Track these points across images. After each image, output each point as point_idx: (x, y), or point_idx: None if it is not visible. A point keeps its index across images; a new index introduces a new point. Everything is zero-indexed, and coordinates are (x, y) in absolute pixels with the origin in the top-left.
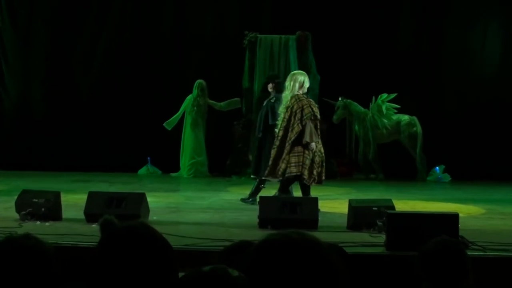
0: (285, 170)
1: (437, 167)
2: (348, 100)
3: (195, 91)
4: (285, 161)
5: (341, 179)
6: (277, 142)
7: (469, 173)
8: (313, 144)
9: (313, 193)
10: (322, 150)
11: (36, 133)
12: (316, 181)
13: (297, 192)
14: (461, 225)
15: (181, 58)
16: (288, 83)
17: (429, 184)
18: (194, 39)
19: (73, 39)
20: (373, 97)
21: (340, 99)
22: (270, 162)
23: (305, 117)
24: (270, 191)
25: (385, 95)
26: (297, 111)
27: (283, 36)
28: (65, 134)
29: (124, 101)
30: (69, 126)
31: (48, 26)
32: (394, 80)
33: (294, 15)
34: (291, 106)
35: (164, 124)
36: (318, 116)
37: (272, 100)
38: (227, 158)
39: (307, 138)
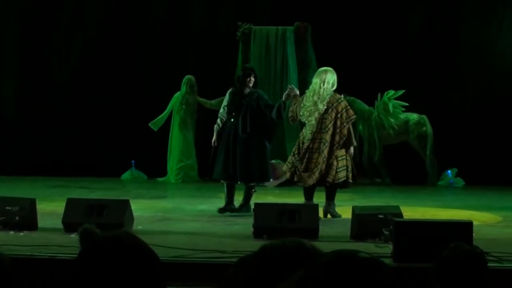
0: (335, 176)
1: (449, 171)
2: (351, 98)
3: (183, 88)
4: (334, 167)
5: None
6: (323, 147)
7: (484, 177)
8: (352, 148)
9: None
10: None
11: (8, 134)
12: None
13: (295, 198)
14: (475, 234)
15: (168, 52)
16: (320, 80)
17: (440, 189)
18: (182, 31)
19: (48, 32)
20: (379, 94)
21: (342, 96)
22: (318, 169)
23: (351, 119)
24: (261, 196)
25: (392, 92)
26: (342, 112)
27: (280, 27)
28: (41, 136)
29: (105, 99)
30: (45, 126)
31: (20, 19)
32: (401, 76)
33: (292, 4)
34: (334, 107)
35: (149, 124)
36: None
37: (254, 97)
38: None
39: (353, 141)
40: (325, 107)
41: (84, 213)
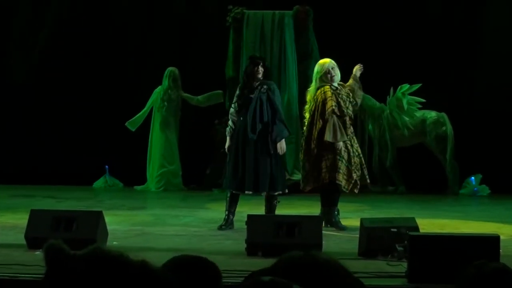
0: (318, 178)
1: (473, 177)
2: None
3: (165, 82)
4: (317, 168)
5: (351, 193)
6: (303, 144)
7: None
8: (339, 144)
9: (313, 210)
10: (360, 151)
11: None
12: (357, 186)
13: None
14: (502, 250)
15: (147, 40)
16: (315, 73)
17: (462, 198)
18: (163, 16)
19: (7, 19)
20: (391, 89)
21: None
22: (304, 171)
23: (328, 112)
24: (255, 207)
25: (406, 86)
26: (319, 105)
27: (277, 11)
28: (1, 138)
29: (74, 96)
30: (6, 128)
31: None
32: (417, 67)
33: None
34: (316, 99)
35: (126, 124)
36: (348, 112)
37: (264, 90)
38: (206, 166)
39: (327, 136)
40: (313, 100)
41: (50, 227)
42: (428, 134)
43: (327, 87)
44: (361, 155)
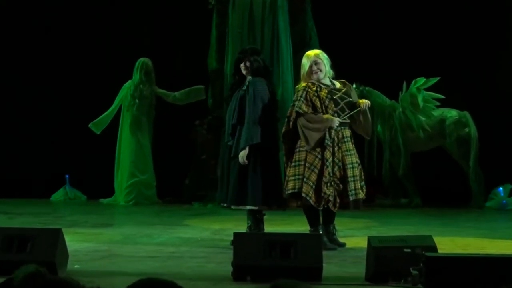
0: (285, 188)
1: (500, 188)
2: (367, 88)
3: (136, 76)
4: (286, 177)
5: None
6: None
7: None
8: (308, 144)
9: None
10: (354, 160)
11: None
12: (333, 203)
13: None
14: None
15: (115, 26)
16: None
17: (488, 212)
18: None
19: None
20: (404, 83)
21: (354, 86)
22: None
23: (292, 115)
24: (243, 223)
25: (422, 80)
26: (290, 108)
27: None
28: None
29: (29, 93)
30: None
31: None
32: (435, 58)
33: None
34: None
35: (90, 126)
36: (327, 111)
37: (244, 88)
38: (186, 175)
39: (305, 143)
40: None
41: (1, 248)
42: (448, 136)
43: (303, 84)
44: (353, 166)
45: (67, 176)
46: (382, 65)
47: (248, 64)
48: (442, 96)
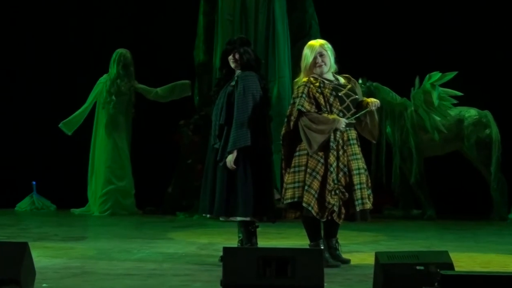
0: (283, 197)
1: None
2: (374, 84)
3: (113, 69)
4: (284, 184)
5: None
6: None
7: None
8: (310, 148)
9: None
10: (361, 166)
11: None
12: (338, 214)
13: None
14: None
15: (89, 13)
16: (301, 60)
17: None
18: None
19: None
20: (417, 78)
21: (360, 81)
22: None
23: (293, 114)
24: (234, 237)
25: (437, 75)
26: (290, 106)
27: None
28: None
29: None
30: None
31: None
32: (452, 50)
33: None
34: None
35: (60, 126)
36: (331, 109)
37: (233, 84)
38: (169, 182)
39: (307, 146)
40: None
41: None
42: (467, 139)
43: (303, 79)
44: (360, 172)
45: (33, 183)
46: (391, 58)
47: (237, 56)
48: (460, 93)
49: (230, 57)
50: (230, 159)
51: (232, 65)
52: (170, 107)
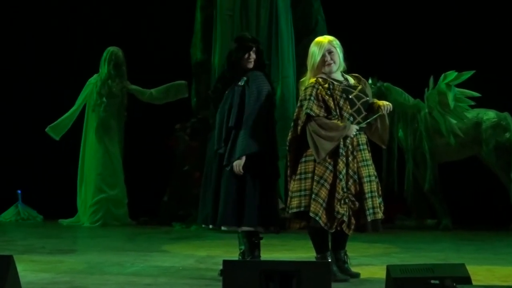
0: (288, 207)
1: None
2: (385, 84)
3: (104, 69)
4: (289, 193)
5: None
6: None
7: None
8: (318, 155)
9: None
10: (371, 173)
11: None
12: (348, 225)
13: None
14: None
15: (78, 9)
16: (308, 57)
17: None
18: None
19: None
20: (431, 78)
21: (370, 81)
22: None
23: (301, 118)
24: (234, 249)
25: (453, 75)
26: (297, 108)
27: None
28: None
29: None
30: None
31: None
32: (469, 47)
33: None
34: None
35: (47, 130)
36: (341, 113)
37: (242, 82)
38: (164, 191)
39: (314, 153)
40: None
41: None
42: (485, 143)
43: (311, 80)
44: (371, 179)
45: (19, 191)
46: (403, 56)
47: (254, 55)
48: (477, 94)
49: (247, 55)
50: (239, 163)
51: (248, 64)
52: (165, 110)
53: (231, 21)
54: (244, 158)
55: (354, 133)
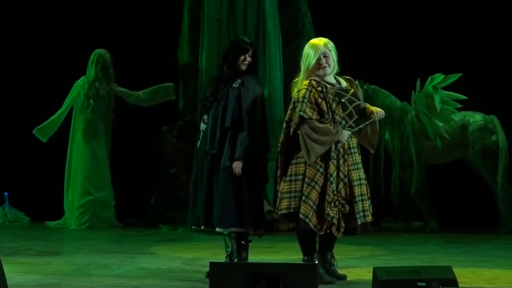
0: (278, 207)
1: None
2: (372, 86)
3: (91, 71)
4: (278, 194)
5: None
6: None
7: None
8: (310, 157)
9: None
10: (361, 176)
11: None
12: (337, 228)
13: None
14: None
15: (65, 11)
16: (302, 59)
17: None
18: None
19: None
20: (418, 81)
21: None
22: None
23: (294, 120)
24: (221, 251)
25: (439, 77)
26: (289, 110)
27: None
28: None
29: None
30: None
31: None
32: (455, 50)
33: None
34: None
35: (34, 132)
36: (334, 116)
37: (237, 84)
38: (151, 193)
39: (305, 156)
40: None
41: None
42: (471, 146)
43: (305, 82)
44: (361, 182)
45: (6, 193)
46: (390, 58)
47: (250, 58)
48: (464, 97)
49: (243, 57)
50: (238, 165)
51: (242, 67)
52: (153, 112)
53: (218, 23)
54: (242, 159)
55: (346, 138)
